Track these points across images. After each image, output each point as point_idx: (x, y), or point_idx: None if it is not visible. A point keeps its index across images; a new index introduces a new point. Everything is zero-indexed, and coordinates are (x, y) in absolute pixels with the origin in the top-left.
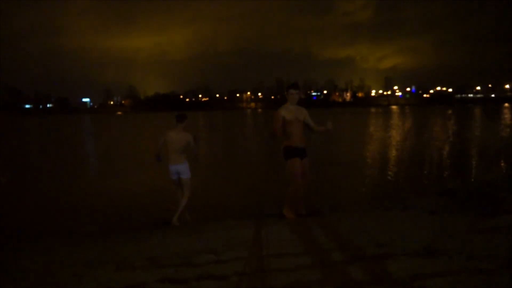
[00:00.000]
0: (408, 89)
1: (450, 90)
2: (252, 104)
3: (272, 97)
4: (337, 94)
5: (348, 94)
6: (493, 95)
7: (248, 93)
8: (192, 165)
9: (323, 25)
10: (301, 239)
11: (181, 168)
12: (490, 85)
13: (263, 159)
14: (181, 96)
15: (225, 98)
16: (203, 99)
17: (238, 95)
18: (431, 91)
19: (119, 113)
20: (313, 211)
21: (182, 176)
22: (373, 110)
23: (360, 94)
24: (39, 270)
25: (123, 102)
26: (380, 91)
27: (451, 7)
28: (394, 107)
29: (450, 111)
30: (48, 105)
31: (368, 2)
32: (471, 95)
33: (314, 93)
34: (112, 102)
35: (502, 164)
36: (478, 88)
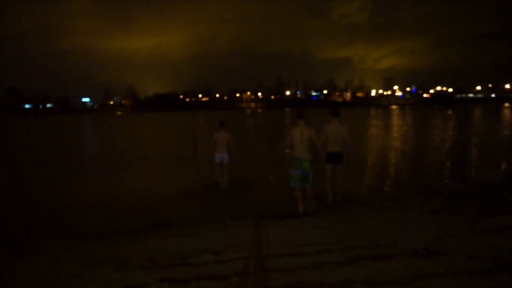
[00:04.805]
0: (408, 89)
1: (450, 90)
2: (252, 104)
3: (272, 97)
4: (337, 94)
5: (348, 94)
6: (493, 95)
7: (248, 93)
8: (231, 156)
9: (321, 26)
10: (301, 239)
11: (224, 156)
12: (490, 85)
13: (264, 159)
14: (181, 96)
15: (225, 98)
16: (203, 99)
17: (238, 95)
18: (431, 91)
19: (119, 113)
20: (313, 212)
21: (224, 161)
22: (373, 110)
23: (360, 94)
24: (39, 270)
25: (122, 102)
26: (380, 91)
27: (448, 7)
28: (394, 107)
29: (450, 111)
30: (48, 105)
31: (364, 4)
32: (471, 95)
33: (314, 93)
34: (112, 102)
35: (503, 164)
36: (478, 88)
